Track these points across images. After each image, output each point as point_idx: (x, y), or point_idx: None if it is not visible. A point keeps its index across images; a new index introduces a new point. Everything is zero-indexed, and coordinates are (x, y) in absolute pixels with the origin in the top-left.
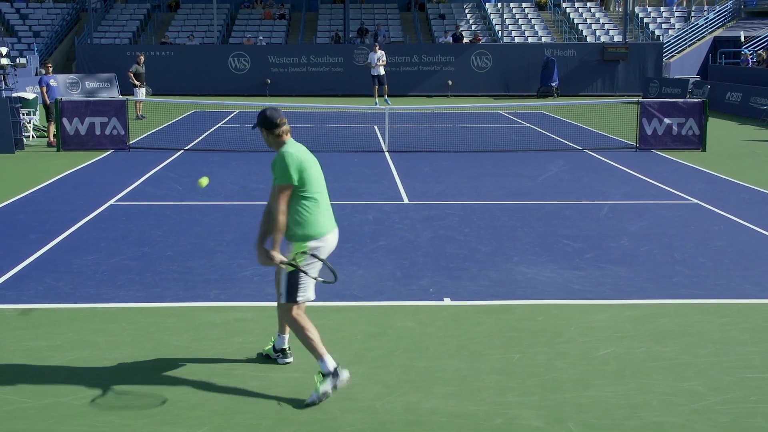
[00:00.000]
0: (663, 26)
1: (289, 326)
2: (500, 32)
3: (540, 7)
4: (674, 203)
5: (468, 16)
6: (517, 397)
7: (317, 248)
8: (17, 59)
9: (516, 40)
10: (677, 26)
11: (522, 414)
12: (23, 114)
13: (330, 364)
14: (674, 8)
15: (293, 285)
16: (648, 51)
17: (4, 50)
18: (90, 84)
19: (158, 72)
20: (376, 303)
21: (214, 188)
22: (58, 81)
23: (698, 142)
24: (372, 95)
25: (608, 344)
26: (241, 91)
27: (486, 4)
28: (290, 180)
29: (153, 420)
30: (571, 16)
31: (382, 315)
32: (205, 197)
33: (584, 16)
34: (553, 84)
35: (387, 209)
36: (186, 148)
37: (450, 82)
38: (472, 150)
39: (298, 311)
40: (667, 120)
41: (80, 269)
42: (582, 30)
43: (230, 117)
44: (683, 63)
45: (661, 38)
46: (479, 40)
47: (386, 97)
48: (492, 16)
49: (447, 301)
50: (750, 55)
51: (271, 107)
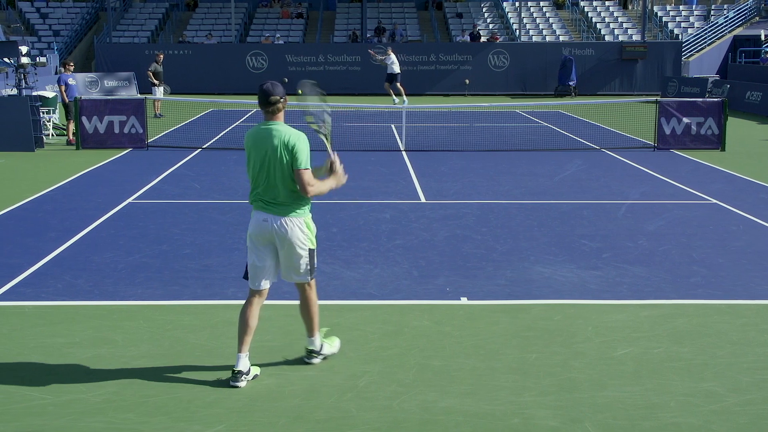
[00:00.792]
0: (682, 25)
1: (313, 302)
2: (518, 31)
3: (558, 6)
4: (693, 203)
5: (485, 15)
6: (534, 397)
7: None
8: (37, 58)
9: (534, 39)
10: (696, 25)
11: (538, 414)
12: (43, 112)
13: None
14: (693, 7)
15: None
16: (667, 50)
17: (25, 49)
18: (109, 83)
19: (176, 71)
20: (393, 302)
21: (232, 186)
22: (77, 80)
23: (717, 142)
24: (399, 94)
25: (625, 344)
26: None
27: (504, 3)
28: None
29: (170, 417)
30: (590, 15)
31: (399, 314)
32: (223, 195)
33: (602, 15)
34: (571, 83)
35: (404, 208)
36: (204, 147)
37: (467, 81)
38: (489, 149)
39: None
40: (686, 119)
41: (99, 267)
42: (600, 29)
43: (248, 116)
44: (702, 62)
45: (680, 37)
46: (497, 39)
47: (395, 97)
48: (510, 15)
49: (463, 301)
50: None
51: (271, 82)
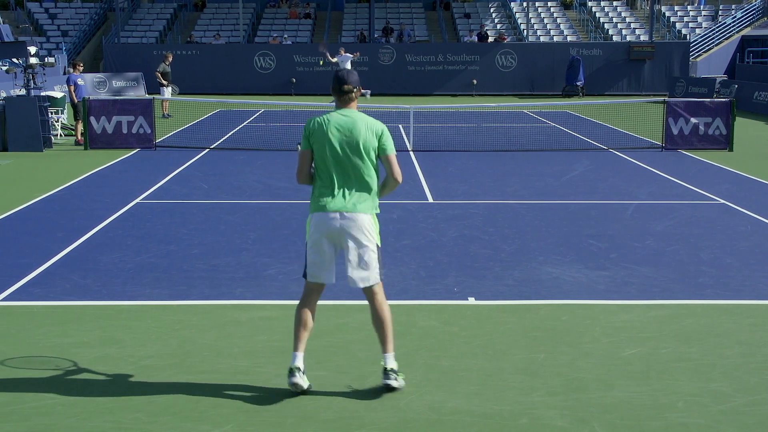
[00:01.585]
0: (690, 25)
1: (384, 308)
2: (525, 31)
3: (566, 6)
4: (700, 203)
5: (493, 15)
6: (541, 397)
7: (313, 224)
8: (46, 58)
9: (541, 39)
10: (704, 25)
11: (546, 414)
12: (51, 113)
13: (294, 362)
14: (701, 7)
15: (306, 256)
16: (674, 50)
17: (33, 49)
18: (117, 83)
19: (184, 71)
20: (400, 302)
21: (240, 186)
22: (86, 80)
23: (725, 142)
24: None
25: (633, 345)
26: (267, 90)
27: (511, 3)
28: (302, 146)
29: (178, 417)
30: (597, 15)
31: (406, 314)
32: (231, 196)
33: (610, 15)
34: (579, 83)
35: (411, 208)
36: (211, 147)
37: (475, 82)
38: (497, 149)
39: (307, 293)
40: (694, 120)
41: (107, 267)
42: (608, 29)
43: (255, 116)
44: (710, 62)
45: (688, 37)
46: (504, 39)
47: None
48: (517, 15)
49: (471, 301)
50: None
51: (346, 69)
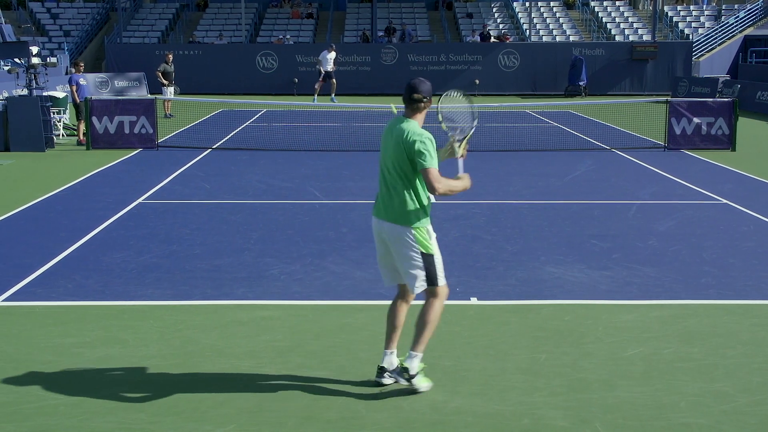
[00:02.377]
0: (693, 25)
1: (428, 310)
2: (528, 31)
3: (568, 6)
4: (703, 203)
5: (496, 15)
6: (544, 398)
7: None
8: (48, 58)
9: (544, 39)
10: (707, 25)
11: (548, 414)
12: (54, 113)
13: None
14: (704, 7)
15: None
16: (677, 50)
17: (35, 49)
18: (119, 83)
19: (186, 71)
20: None
21: (242, 186)
22: (88, 80)
23: (728, 142)
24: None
25: (636, 345)
26: (269, 90)
27: (514, 3)
28: None
29: (180, 417)
30: (600, 15)
31: (409, 314)
32: (233, 196)
33: (613, 15)
34: (581, 83)
35: None
36: (214, 147)
37: (477, 81)
38: (500, 149)
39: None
40: (697, 119)
41: (109, 267)
42: (610, 29)
43: (258, 116)
44: (713, 62)
45: (691, 37)
46: (507, 39)
47: (333, 96)
48: (520, 15)
49: (474, 301)
50: None
51: (420, 78)
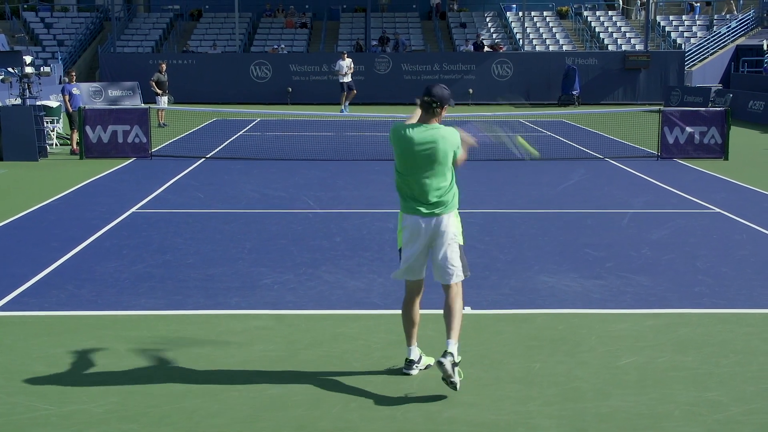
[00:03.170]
0: (685, 34)
1: (459, 303)
2: (521, 41)
3: (561, 16)
4: (696, 212)
5: (489, 25)
6: (538, 407)
7: (404, 227)
8: (41, 68)
9: (537, 49)
10: (699, 34)
11: (542, 423)
12: (47, 122)
13: (409, 354)
14: (696, 16)
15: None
16: (670, 59)
17: (29, 59)
18: (113, 92)
19: (180, 80)
20: (397, 311)
21: (235, 196)
22: (82, 89)
23: (720, 151)
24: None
25: (629, 354)
26: (263, 100)
27: (507, 13)
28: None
29: (173, 428)
30: (593, 25)
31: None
32: (226, 205)
33: (605, 25)
34: (574, 92)
35: None
36: (207, 156)
37: (471, 91)
38: (493, 158)
39: (408, 293)
40: (689, 129)
41: (102, 277)
42: (603, 38)
43: (251, 125)
44: (705, 71)
45: (683, 46)
46: (500, 49)
47: (345, 105)
48: (513, 25)
49: (467, 310)
50: None
51: (440, 84)
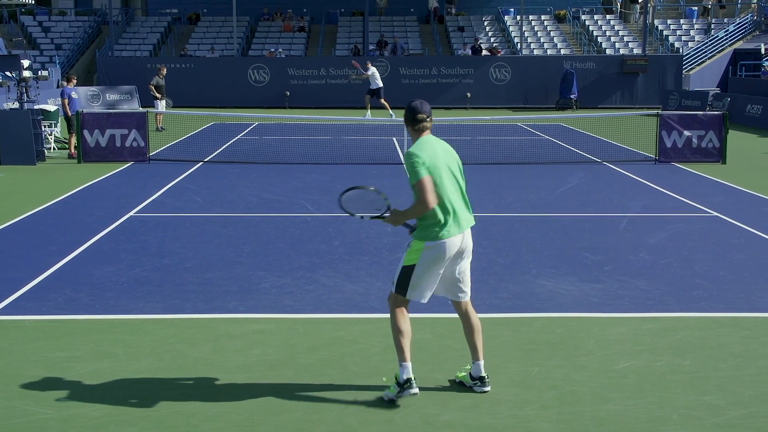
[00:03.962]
0: (683, 38)
1: (466, 320)
2: (519, 44)
3: (559, 20)
4: (694, 216)
5: (487, 29)
6: (536, 411)
7: (430, 250)
8: (39, 72)
9: (535, 53)
10: (697, 38)
11: (540, 427)
12: (45, 126)
13: (406, 374)
14: (694, 20)
15: (405, 277)
16: (667, 63)
17: (27, 63)
18: (111, 96)
19: (178, 84)
20: None
21: (233, 200)
22: (79, 93)
23: (718, 155)
24: (385, 108)
25: (627, 357)
26: (261, 103)
27: (505, 17)
28: (421, 174)
29: (172, 431)
30: (591, 29)
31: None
32: (224, 209)
33: (603, 29)
34: (572, 96)
35: None
36: (205, 160)
37: (469, 95)
38: (491, 162)
39: (401, 305)
40: (687, 132)
41: (100, 281)
42: (601, 42)
43: (249, 129)
44: (703, 75)
45: (681, 50)
46: (498, 53)
47: (369, 113)
48: (511, 29)
49: None
50: None
51: (419, 100)
